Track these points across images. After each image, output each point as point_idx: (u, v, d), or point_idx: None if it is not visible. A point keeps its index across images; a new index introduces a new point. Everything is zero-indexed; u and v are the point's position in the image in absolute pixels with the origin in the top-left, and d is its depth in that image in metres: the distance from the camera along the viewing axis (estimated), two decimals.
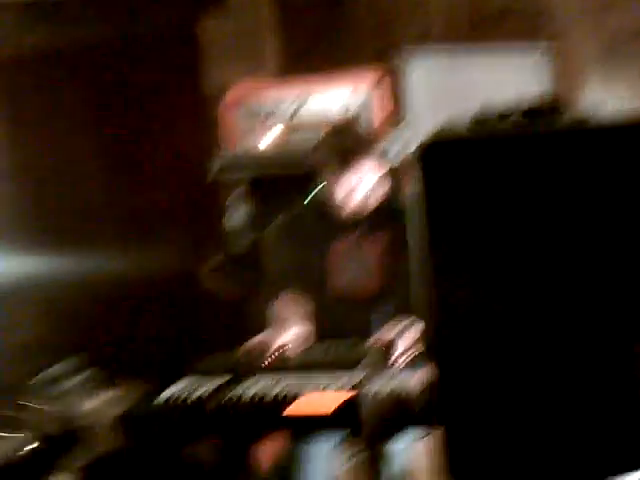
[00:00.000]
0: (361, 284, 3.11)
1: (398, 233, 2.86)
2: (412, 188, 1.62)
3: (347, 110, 3.79)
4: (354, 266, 3.12)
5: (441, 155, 1.61)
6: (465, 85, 4.10)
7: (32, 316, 4.54)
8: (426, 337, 2.03)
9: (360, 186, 3.02)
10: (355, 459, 3.14)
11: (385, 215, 3.07)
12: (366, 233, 3.10)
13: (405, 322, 2.78)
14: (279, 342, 2.89)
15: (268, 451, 3.25)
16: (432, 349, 1.67)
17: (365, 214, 3.10)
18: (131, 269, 4.37)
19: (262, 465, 3.43)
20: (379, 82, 3.79)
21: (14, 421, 2.78)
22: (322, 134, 3.19)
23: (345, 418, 2.40)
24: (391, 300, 3.05)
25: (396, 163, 3.24)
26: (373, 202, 3.10)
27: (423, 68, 4.32)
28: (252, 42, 4.53)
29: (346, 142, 3.04)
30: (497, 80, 3.84)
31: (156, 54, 4.62)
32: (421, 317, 2.50)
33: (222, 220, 3.88)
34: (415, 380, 2.54)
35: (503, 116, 1.76)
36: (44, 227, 4.58)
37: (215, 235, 4.00)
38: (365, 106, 3.78)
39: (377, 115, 3.80)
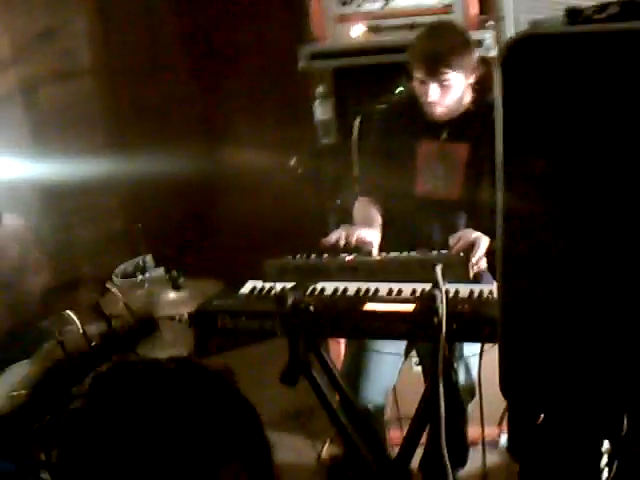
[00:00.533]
0: (445, 188, 3.10)
1: (483, 139, 2.80)
2: (496, 92, 1.49)
3: (438, 2, 3.67)
4: (440, 168, 3.10)
5: (527, 54, 1.44)
6: None
7: (115, 211, 4.63)
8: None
9: (450, 90, 2.96)
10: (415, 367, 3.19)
11: (473, 119, 3.01)
12: (453, 137, 3.07)
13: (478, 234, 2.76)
14: (361, 237, 2.89)
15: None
16: (498, 265, 1.60)
17: (451, 119, 3.06)
18: (213, 165, 4.39)
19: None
20: None
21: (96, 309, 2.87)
22: (415, 35, 3.09)
23: (423, 319, 2.41)
24: (470, 208, 3.02)
25: (490, 61, 3.15)
26: (462, 106, 3.05)
27: None
28: None
29: (438, 46, 2.94)
30: None
31: None
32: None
33: (311, 110, 3.83)
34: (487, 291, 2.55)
35: (600, 8, 1.63)
36: (125, 124, 4.62)
37: (304, 125, 3.95)
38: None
39: (467, 9, 3.66)
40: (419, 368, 3.30)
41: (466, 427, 3.26)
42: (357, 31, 3.74)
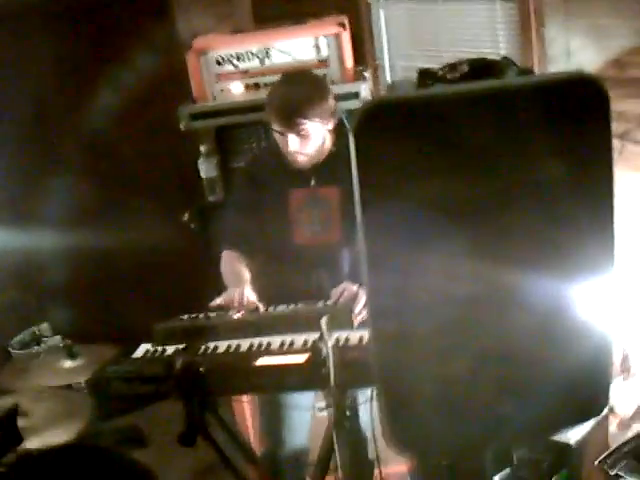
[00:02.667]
0: (324, 233, 3.12)
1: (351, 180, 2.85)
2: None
3: (314, 58, 3.77)
4: (315, 215, 3.12)
5: (378, 119, 1.52)
6: (431, 30, 4.07)
7: (9, 279, 4.58)
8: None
9: (309, 140, 2.98)
10: (323, 412, 3.25)
11: (338, 161, 2.98)
12: (322, 181, 3.09)
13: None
14: (244, 299, 2.89)
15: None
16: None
17: (319, 162, 3.09)
18: (106, 227, 4.39)
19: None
20: (345, 28, 3.75)
21: None
22: (271, 86, 3.17)
23: (313, 370, 2.47)
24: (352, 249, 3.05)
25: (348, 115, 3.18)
26: (325, 150, 3.09)
27: (387, 11, 4.30)
28: None
29: (293, 97, 2.97)
30: (463, 27, 3.81)
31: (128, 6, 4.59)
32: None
33: (196, 169, 3.88)
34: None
35: (452, 67, 1.73)
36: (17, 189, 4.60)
37: (193, 182, 4.00)
38: (333, 52, 3.75)
39: (343, 62, 3.76)
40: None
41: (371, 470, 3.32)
42: (236, 89, 3.81)
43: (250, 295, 2.90)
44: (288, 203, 3.13)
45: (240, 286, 2.95)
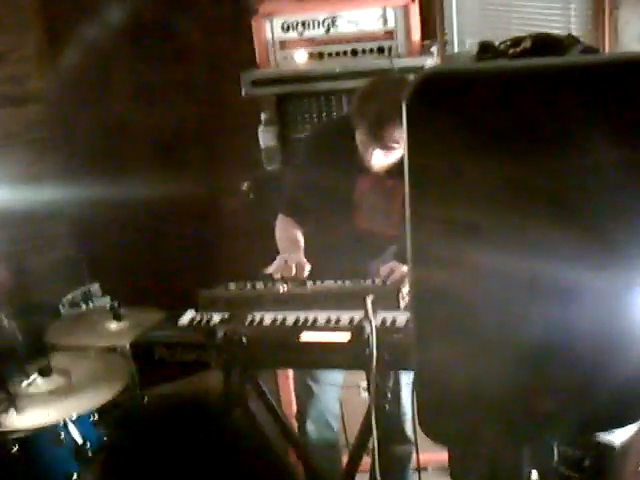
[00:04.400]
0: (383, 224, 3.05)
1: None
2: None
3: (381, 29, 3.69)
4: (379, 204, 3.04)
5: (431, 91, 1.48)
6: (502, 7, 3.96)
7: (63, 239, 4.62)
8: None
9: (394, 155, 2.85)
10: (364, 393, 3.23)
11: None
12: (391, 173, 2.92)
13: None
14: (298, 266, 2.84)
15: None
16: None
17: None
18: (164, 192, 4.37)
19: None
20: (413, 1, 3.65)
21: None
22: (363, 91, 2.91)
23: (356, 349, 2.43)
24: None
25: None
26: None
27: None
28: None
29: (386, 120, 2.72)
30: (535, 5, 3.68)
31: None
32: None
33: (256, 137, 3.84)
34: None
35: (515, 42, 1.66)
36: (75, 151, 4.62)
37: (252, 151, 3.96)
38: (398, 26, 3.68)
39: (409, 34, 3.68)
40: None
41: (410, 452, 3.29)
42: (300, 57, 3.76)
43: (304, 263, 2.86)
44: (354, 187, 3.04)
45: (295, 252, 2.92)
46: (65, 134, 4.63)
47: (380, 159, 2.85)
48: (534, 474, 2.11)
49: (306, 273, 2.84)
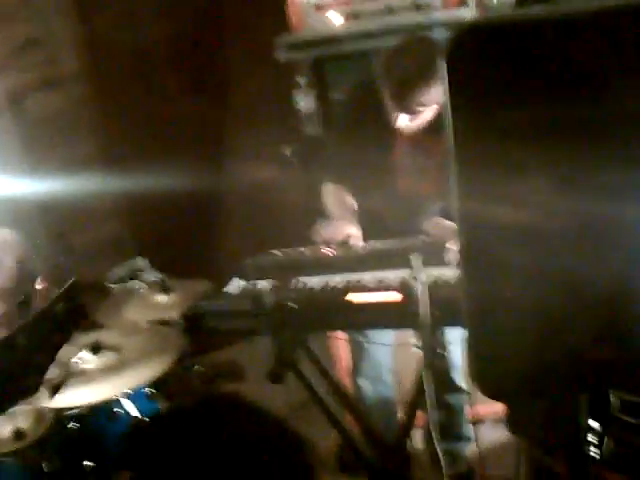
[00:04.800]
0: (420, 183, 3.03)
1: None
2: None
3: None
4: (419, 163, 3.03)
5: (471, 42, 1.45)
6: None
7: (108, 216, 4.64)
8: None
9: (421, 118, 2.85)
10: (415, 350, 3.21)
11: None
12: (429, 131, 2.92)
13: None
14: (343, 234, 2.85)
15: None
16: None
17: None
18: (205, 163, 4.37)
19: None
20: None
21: None
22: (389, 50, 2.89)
23: (406, 308, 2.40)
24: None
25: None
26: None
27: None
28: None
29: (411, 82, 2.73)
30: None
31: None
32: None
33: (291, 101, 3.80)
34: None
35: None
36: (115, 131, 4.63)
37: (289, 116, 3.93)
38: None
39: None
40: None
41: (462, 402, 3.31)
42: (335, 19, 3.70)
43: (356, 232, 2.84)
44: (392, 147, 3.02)
45: (347, 219, 2.91)
46: (105, 115, 4.62)
47: (406, 123, 2.84)
48: (595, 424, 2.08)
49: (357, 240, 2.82)
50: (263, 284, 2.66)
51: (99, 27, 4.53)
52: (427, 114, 2.83)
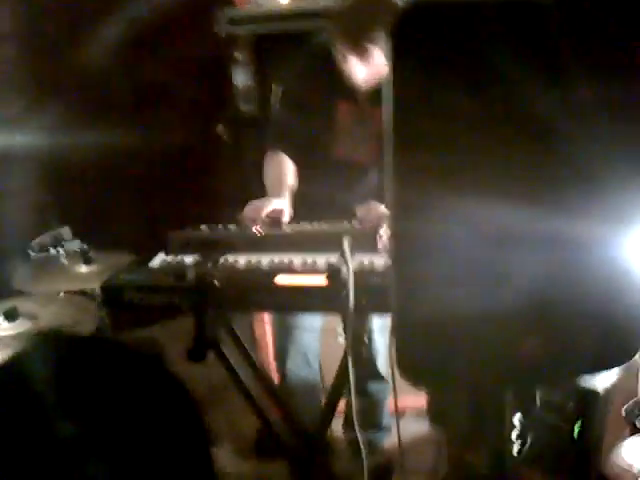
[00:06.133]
0: (362, 151, 3.00)
1: None
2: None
3: None
4: (359, 132, 3.00)
5: (417, 23, 1.41)
6: None
7: (33, 182, 4.50)
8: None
9: (370, 69, 2.82)
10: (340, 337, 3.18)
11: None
12: (373, 100, 2.89)
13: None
14: (271, 210, 2.77)
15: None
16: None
17: (371, 85, 2.91)
18: (135, 131, 4.27)
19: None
20: None
21: None
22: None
23: (332, 292, 2.34)
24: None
25: None
26: (381, 75, 2.86)
27: None
28: None
29: (363, 20, 2.75)
30: None
31: None
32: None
33: (231, 77, 3.72)
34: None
35: None
36: (46, 92, 4.48)
37: (224, 91, 3.85)
38: None
39: None
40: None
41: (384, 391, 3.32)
42: None
43: (279, 207, 2.77)
44: (335, 113, 3.00)
45: (278, 196, 2.85)
46: (37, 77, 4.48)
47: (362, 73, 2.81)
48: (517, 418, 2.07)
49: (285, 218, 2.75)
50: (187, 259, 2.57)
51: None
52: (378, 59, 2.79)
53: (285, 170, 2.99)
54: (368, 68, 2.81)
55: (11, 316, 2.79)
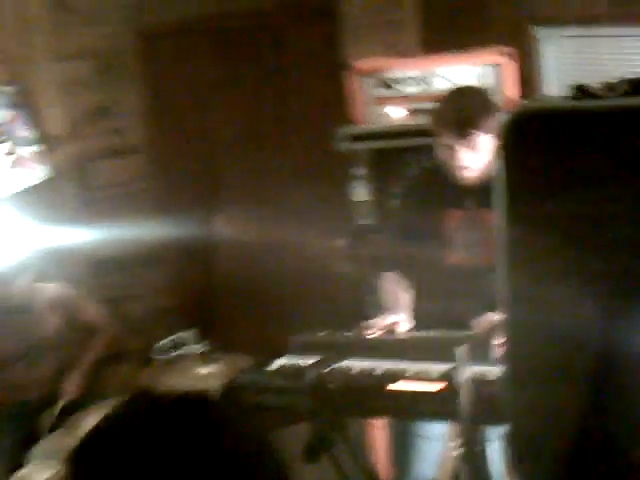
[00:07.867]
0: (474, 256, 3.03)
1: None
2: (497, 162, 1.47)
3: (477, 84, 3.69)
4: (471, 236, 3.05)
5: (527, 128, 1.45)
6: (598, 65, 3.93)
7: (160, 287, 4.71)
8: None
9: (476, 157, 2.91)
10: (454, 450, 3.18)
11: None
12: (480, 203, 2.95)
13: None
14: (389, 324, 2.87)
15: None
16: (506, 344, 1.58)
17: (479, 185, 2.97)
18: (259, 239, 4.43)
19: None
20: (511, 59, 3.67)
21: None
22: (442, 98, 3.07)
23: (447, 401, 2.39)
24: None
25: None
26: (488, 173, 2.93)
27: (556, 46, 4.17)
28: (392, 15, 4.45)
29: (465, 108, 2.91)
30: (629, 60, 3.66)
31: (297, 27, 4.68)
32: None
33: (347, 191, 3.86)
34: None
35: (611, 87, 1.63)
36: (175, 202, 4.73)
37: (342, 205, 3.98)
38: (495, 82, 3.67)
39: (507, 91, 3.67)
40: None
41: None
42: (395, 113, 3.79)
43: (404, 326, 2.87)
44: (444, 223, 3.07)
45: (399, 310, 2.95)
46: (166, 186, 4.74)
47: (467, 159, 2.89)
48: None
49: (401, 329, 2.85)
50: (305, 362, 2.66)
51: (165, 101, 4.66)
52: (484, 154, 2.88)
53: (401, 291, 3.09)
54: (475, 153, 2.89)
55: None
